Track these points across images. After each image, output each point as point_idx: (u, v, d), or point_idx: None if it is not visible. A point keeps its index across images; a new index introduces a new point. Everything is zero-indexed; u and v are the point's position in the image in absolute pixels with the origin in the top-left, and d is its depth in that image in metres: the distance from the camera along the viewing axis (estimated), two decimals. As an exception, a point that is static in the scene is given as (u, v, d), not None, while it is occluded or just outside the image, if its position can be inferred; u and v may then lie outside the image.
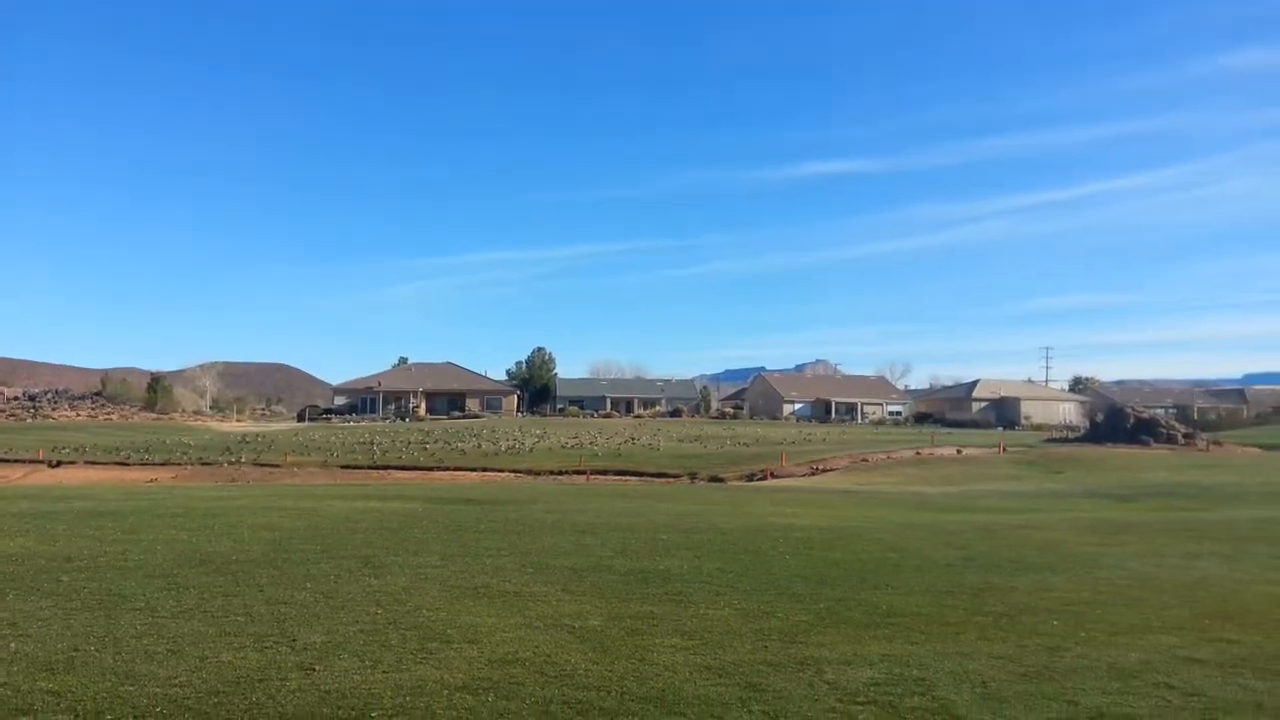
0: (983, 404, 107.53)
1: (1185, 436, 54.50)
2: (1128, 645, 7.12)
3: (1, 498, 19.75)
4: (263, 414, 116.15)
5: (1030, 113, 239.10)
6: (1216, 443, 54.64)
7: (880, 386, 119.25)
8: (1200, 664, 6.60)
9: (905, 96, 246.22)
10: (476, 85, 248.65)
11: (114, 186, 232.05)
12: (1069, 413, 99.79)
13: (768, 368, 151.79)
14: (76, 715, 5.01)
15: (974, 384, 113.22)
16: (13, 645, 6.43)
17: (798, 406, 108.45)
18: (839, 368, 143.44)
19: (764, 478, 39.57)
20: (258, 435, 65.00)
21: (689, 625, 7.51)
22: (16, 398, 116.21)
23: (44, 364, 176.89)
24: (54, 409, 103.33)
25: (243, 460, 46.17)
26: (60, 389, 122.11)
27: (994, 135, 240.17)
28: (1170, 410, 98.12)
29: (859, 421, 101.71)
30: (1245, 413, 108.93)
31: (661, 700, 5.53)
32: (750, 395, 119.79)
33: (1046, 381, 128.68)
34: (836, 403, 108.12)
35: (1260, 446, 54.77)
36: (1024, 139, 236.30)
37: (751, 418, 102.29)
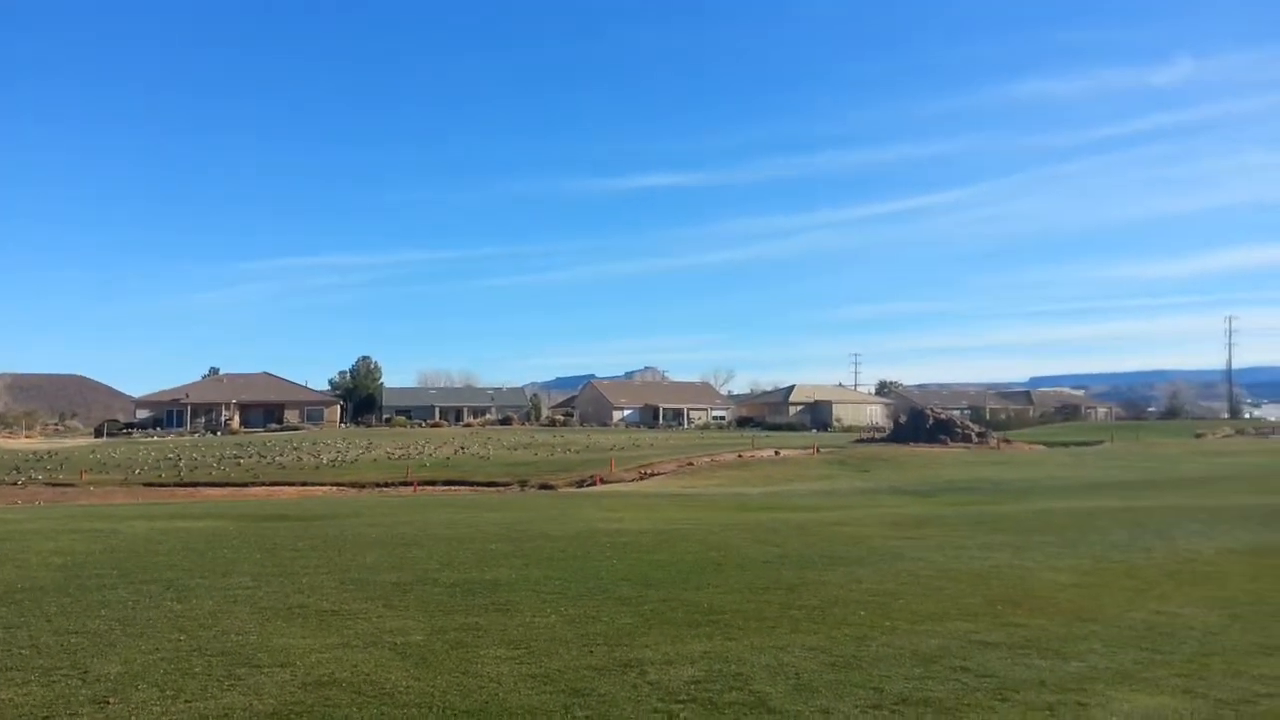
0: (799, 408, 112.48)
1: (979, 435, 58.98)
2: (928, 632, 7.63)
3: None
4: (56, 429, 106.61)
5: (843, 132, 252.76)
6: (1007, 440, 59.46)
7: (705, 392, 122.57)
8: (993, 647, 7.16)
9: (723, 112, 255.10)
10: (304, 84, 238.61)
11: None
12: (876, 415, 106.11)
13: (598, 375, 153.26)
14: None
15: (790, 389, 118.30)
16: None
17: (627, 413, 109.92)
18: (667, 374, 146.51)
19: (594, 483, 39.85)
20: (50, 452, 59.60)
21: (515, 634, 7.48)
22: None
23: None
24: None
25: (33, 479, 42.33)
26: None
27: (809, 152, 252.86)
28: (966, 411, 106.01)
29: (685, 426, 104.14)
30: (1031, 413, 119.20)
31: (484, 713, 5.48)
32: (581, 402, 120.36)
33: (856, 385, 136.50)
34: (664, 409, 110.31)
35: (1044, 444, 60.08)
36: (838, 157, 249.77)
37: (582, 424, 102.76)
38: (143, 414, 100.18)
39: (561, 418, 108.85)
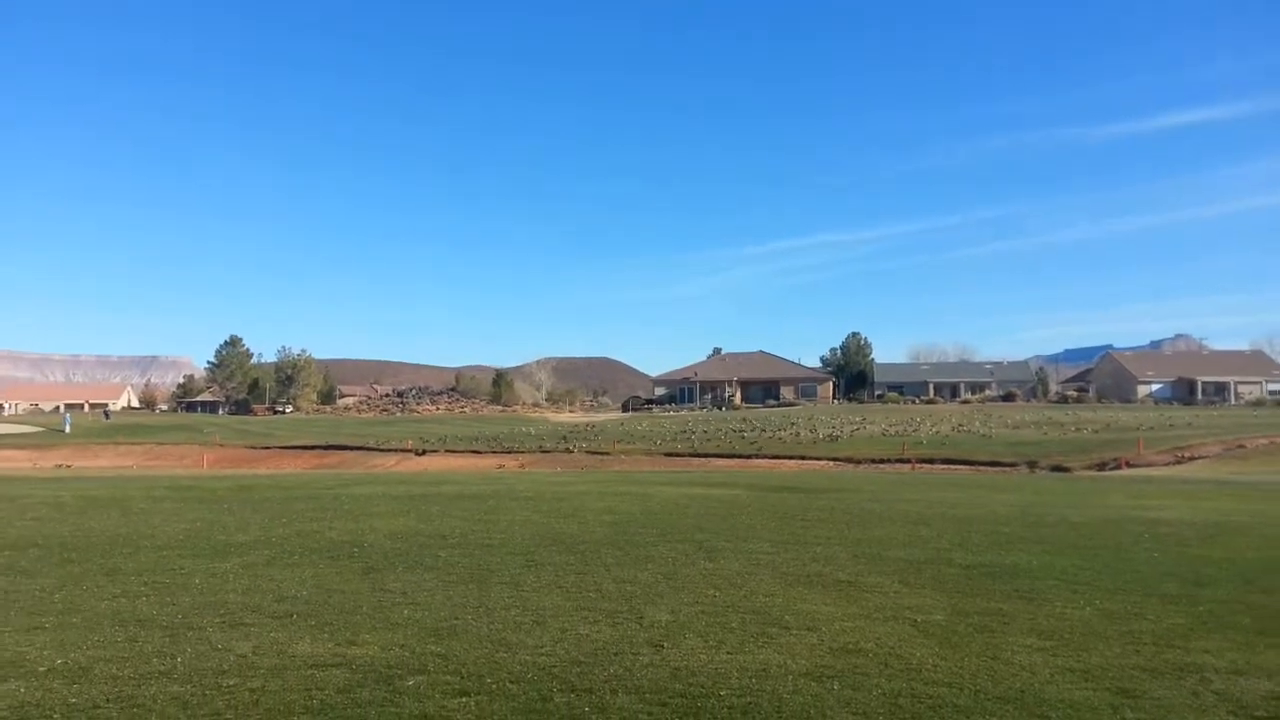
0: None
1: None
2: None
3: (382, 482, 22.73)
4: (591, 405, 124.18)
5: None
6: None
7: (1257, 362, 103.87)
8: None
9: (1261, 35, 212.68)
10: (783, 67, 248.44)
11: (453, 200, 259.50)
12: None
13: (1116, 345, 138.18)
14: (461, 677, 5.59)
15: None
16: (405, 612, 7.34)
17: (1155, 388, 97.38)
18: (1205, 342, 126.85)
19: (1118, 466, 35.93)
20: (588, 425, 69.66)
21: (1045, 624, 6.96)
22: (387, 394, 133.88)
23: (407, 364, 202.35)
24: (418, 403, 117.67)
25: (575, 449, 49.61)
26: (422, 386, 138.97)
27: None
28: None
29: (1231, 403, 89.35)
30: None
31: (1021, 701, 5.16)
32: (1096, 376, 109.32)
33: None
34: (1203, 382, 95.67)
35: None
36: None
37: (1099, 401, 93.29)
38: (659, 391, 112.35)
39: (1074, 393, 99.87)
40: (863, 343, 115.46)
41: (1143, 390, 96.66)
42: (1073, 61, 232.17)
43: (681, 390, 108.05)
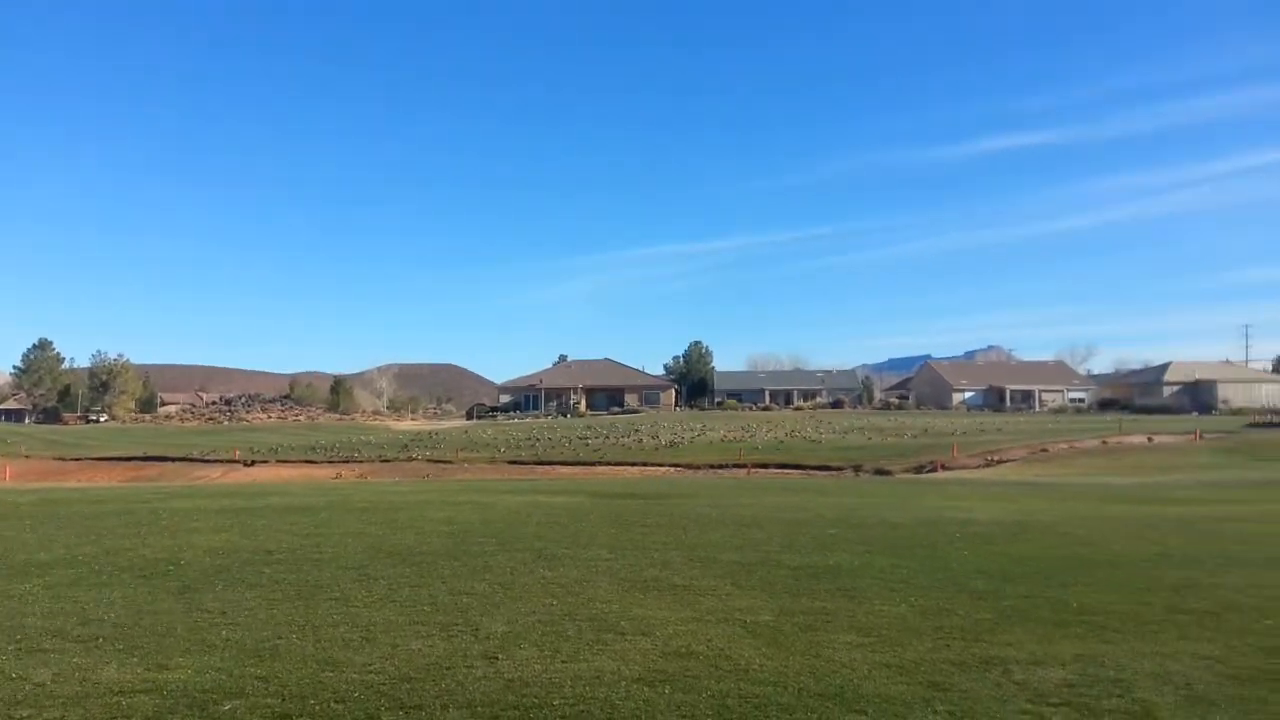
0: (1175, 388, 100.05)
1: None
2: (1361, 650, 6.43)
3: (205, 495, 21.52)
4: (434, 413, 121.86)
5: (1208, 75, 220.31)
6: None
7: (1059, 372, 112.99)
8: None
9: (1076, 65, 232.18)
10: (638, 85, 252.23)
11: (291, 203, 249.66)
12: (1273, 395, 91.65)
13: (934, 355, 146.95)
14: (283, 699, 5.36)
15: (1165, 366, 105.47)
16: (224, 633, 6.96)
17: (968, 395, 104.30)
18: (1013, 353, 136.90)
19: (934, 470, 38.24)
20: (430, 433, 68.22)
21: (864, 621, 7.32)
22: (214, 402, 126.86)
23: (238, 370, 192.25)
24: (248, 411, 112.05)
25: (418, 457, 48.50)
26: (253, 394, 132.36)
27: (1173, 100, 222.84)
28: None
29: (1037, 410, 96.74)
30: None
31: (840, 697, 5.40)
32: (916, 384, 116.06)
33: (1246, 361, 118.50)
34: (1011, 390, 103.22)
35: None
36: (1205, 103, 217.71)
37: (918, 408, 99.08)
38: (505, 398, 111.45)
39: (896, 400, 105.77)
40: (704, 351, 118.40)
41: (957, 397, 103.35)
42: (909, 84, 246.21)
43: (527, 397, 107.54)
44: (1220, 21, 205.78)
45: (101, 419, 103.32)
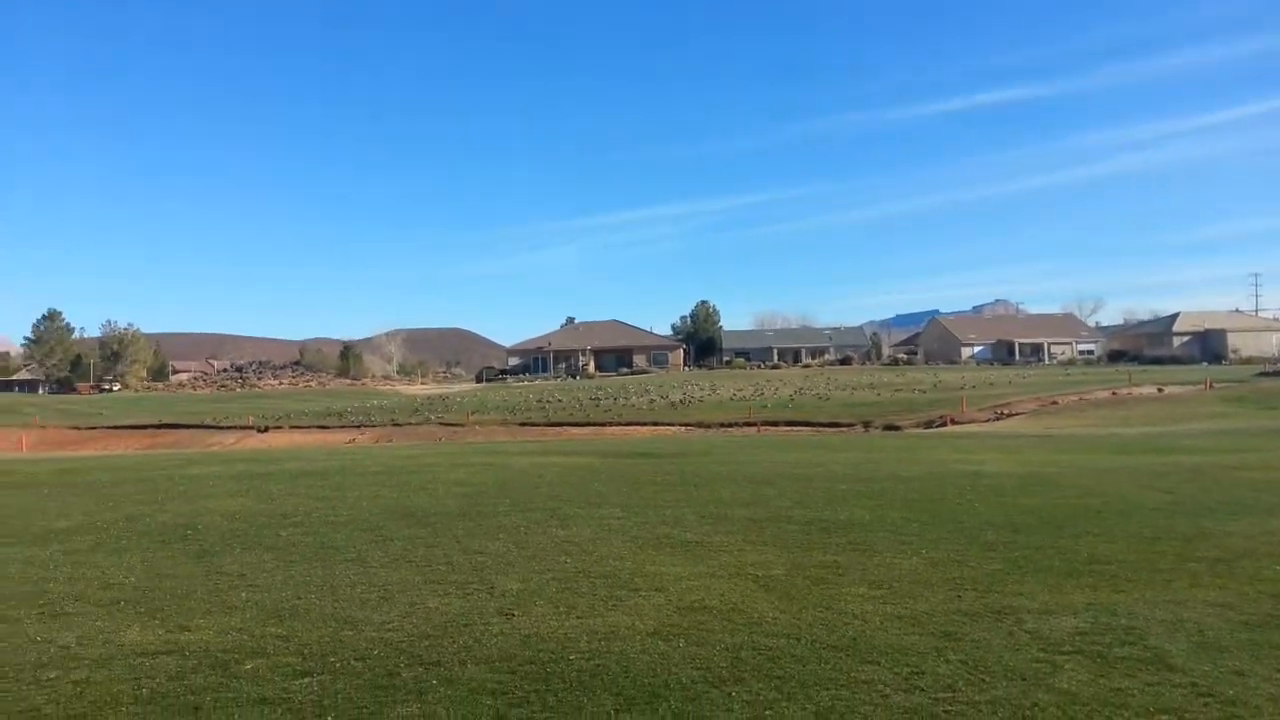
0: (1185, 338, 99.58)
1: None
2: (1373, 595, 6.46)
3: (220, 462, 21.67)
4: (444, 377, 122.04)
5: (1215, 22, 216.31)
6: None
7: (1068, 324, 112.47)
8: None
9: (1072, 16, 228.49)
10: (620, 40, 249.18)
11: (292, 166, 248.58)
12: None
13: (942, 311, 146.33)
14: (303, 658, 5.45)
15: (1174, 317, 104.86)
16: (243, 594, 7.06)
17: (977, 350, 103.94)
18: (1021, 307, 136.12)
19: (943, 424, 38.25)
20: (441, 397, 68.48)
21: (876, 575, 7.38)
22: (225, 369, 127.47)
23: (247, 338, 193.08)
24: (259, 379, 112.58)
25: (430, 420, 48.72)
26: (263, 360, 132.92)
27: (1176, 49, 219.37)
28: None
29: (1046, 363, 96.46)
30: None
31: (854, 649, 5.46)
32: (924, 340, 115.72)
33: (1256, 311, 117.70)
34: (1020, 344, 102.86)
35: None
36: (1212, 51, 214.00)
37: (926, 363, 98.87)
38: (514, 361, 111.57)
39: (904, 356, 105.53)
40: (711, 311, 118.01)
41: (966, 352, 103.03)
42: (917, 36, 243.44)
43: (535, 360, 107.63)
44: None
45: (115, 388, 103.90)
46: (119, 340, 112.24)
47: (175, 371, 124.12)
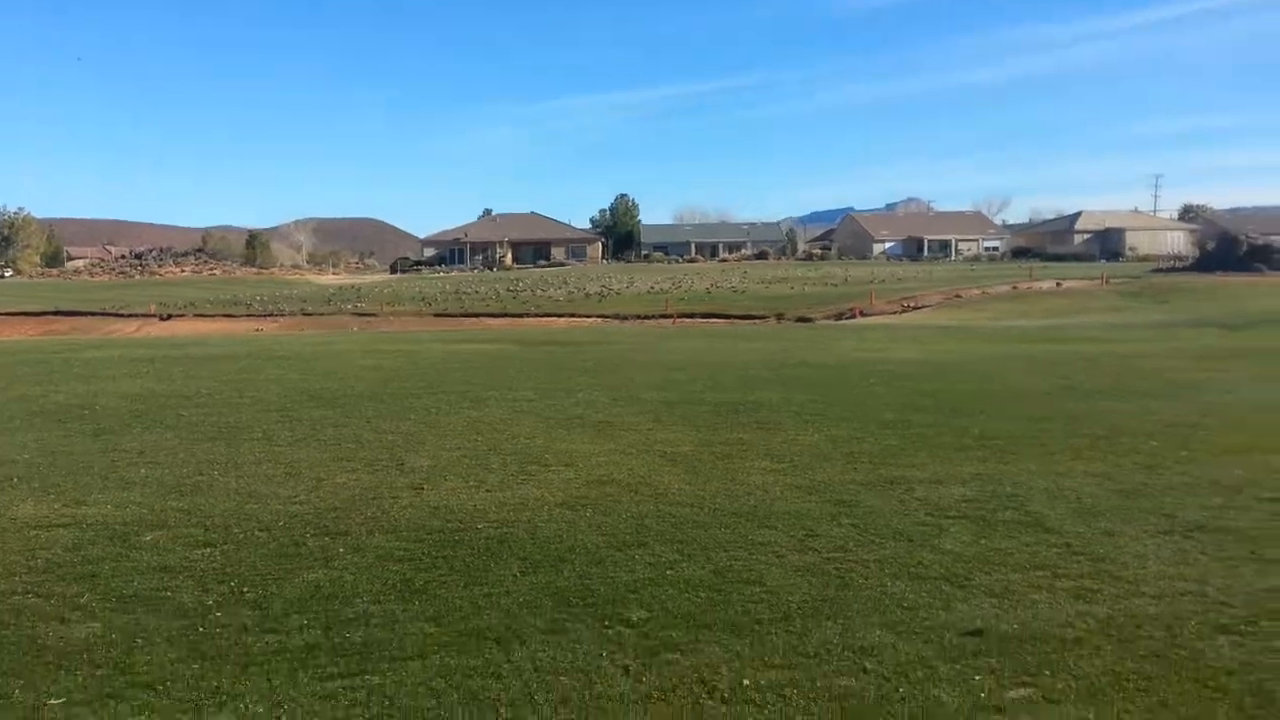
0: (1086, 236, 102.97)
1: (1305, 264, 51.50)
2: (1232, 464, 6.96)
3: (120, 346, 20.94)
4: (357, 267, 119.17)
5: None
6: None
7: (976, 222, 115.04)
8: (1309, 481, 6.42)
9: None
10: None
11: (187, 40, 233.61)
12: (1177, 242, 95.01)
13: (856, 208, 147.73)
14: (206, 529, 5.41)
15: (1076, 216, 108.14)
16: (143, 471, 6.93)
17: (888, 246, 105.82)
18: (932, 205, 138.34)
19: (853, 316, 39.13)
20: (354, 287, 66.91)
21: (779, 450, 7.62)
22: (124, 256, 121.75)
23: (147, 224, 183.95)
24: (160, 266, 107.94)
25: (343, 310, 47.71)
26: (164, 247, 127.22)
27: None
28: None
29: (953, 259, 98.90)
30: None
31: (754, 515, 5.67)
32: (839, 236, 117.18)
33: (1155, 211, 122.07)
34: (929, 240, 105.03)
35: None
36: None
37: (840, 258, 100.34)
38: (429, 252, 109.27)
39: (818, 252, 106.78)
40: (630, 205, 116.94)
41: (878, 248, 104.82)
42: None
43: (452, 251, 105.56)
44: None
45: (5, 274, 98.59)
46: (9, 225, 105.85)
47: (71, 258, 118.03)
